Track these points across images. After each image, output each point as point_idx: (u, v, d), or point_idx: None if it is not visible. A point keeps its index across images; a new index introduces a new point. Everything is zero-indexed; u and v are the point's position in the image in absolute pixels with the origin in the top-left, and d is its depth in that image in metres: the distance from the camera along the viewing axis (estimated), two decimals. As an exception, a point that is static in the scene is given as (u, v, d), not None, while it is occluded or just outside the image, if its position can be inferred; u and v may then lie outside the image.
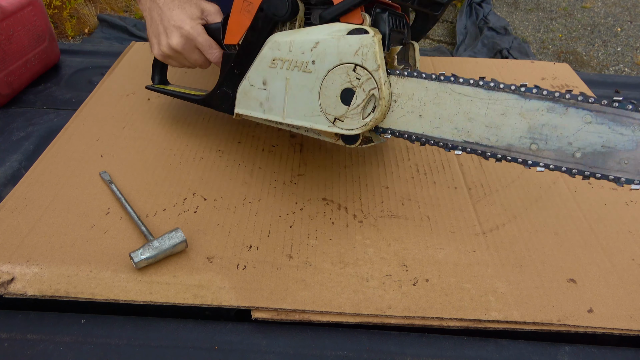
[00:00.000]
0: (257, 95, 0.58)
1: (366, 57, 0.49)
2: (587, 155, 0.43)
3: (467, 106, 0.47)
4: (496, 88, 0.46)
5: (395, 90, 0.51)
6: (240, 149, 0.71)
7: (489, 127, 0.46)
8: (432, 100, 0.49)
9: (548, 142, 0.44)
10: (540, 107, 0.44)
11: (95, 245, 0.54)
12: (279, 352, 0.46)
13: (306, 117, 0.54)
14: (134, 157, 0.68)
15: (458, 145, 0.49)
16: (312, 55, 0.52)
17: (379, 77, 0.48)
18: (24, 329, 0.47)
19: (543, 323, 0.48)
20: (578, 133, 0.43)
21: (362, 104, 0.50)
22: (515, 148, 0.46)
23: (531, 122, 0.44)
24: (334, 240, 0.57)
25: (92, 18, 3.06)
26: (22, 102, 0.84)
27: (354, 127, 0.51)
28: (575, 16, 3.70)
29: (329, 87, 0.52)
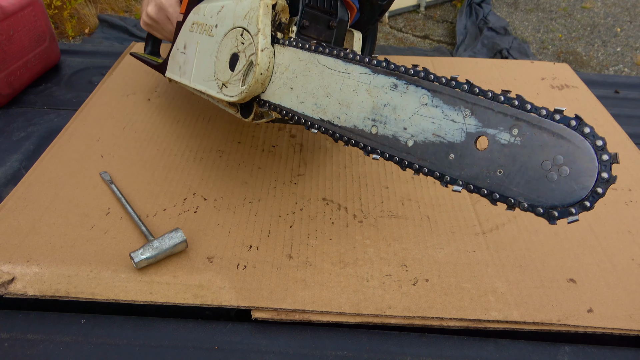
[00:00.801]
0: (179, 59, 0.60)
1: (251, 21, 0.47)
2: (419, 145, 0.39)
3: (327, 80, 0.44)
4: (353, 60, 0.43)
5: (277, 60, 0.49)
6: (240, 149, 0.71)
7: (341, 104, 0.43)
8: (302, 72, 0.46)
9: (386, 126, 0.40)
10: (386, 83, 0.40)
11: (96, 245, 0.54)
12: (279, 352, 0.46)
13: (204, 81, 0.54)
14: (134, 157, 0.68)
15: (315, 123, 0.46)
16: (217, 19, 0.52)
17: (257, 42, 0.47)
18: (24, 329, 0.47)
19: (543, 323, 0.48)
20: (413, 117, 0.39)
21: (243, 70, 0.49)
22: (358, 130, 0.42)
23: (375, 101, 0.41)
24: (334, 240, 0.57)
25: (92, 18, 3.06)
26: (22, 102, 0.84)
27: (233, 94, 0.50)
28: (575, 16, 3.70)
29: (222, 51, 0.51)
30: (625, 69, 3.07)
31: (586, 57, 3.20)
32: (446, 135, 0.37)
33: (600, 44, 3.33)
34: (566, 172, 0.32)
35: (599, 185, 0.31)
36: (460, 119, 0.37)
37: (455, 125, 0.37)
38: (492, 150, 0.35)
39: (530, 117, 0.34)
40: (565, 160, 0.32)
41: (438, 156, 0.38)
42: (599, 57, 3.19)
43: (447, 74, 0.46)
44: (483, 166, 0.36)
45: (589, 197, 0.32)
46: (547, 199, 0.33)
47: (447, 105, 0.37)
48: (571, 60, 3.16)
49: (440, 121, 0.38)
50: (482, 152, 0.36)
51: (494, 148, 0.35)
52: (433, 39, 3.40)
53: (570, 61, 3.14)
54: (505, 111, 0.35)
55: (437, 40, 3.38)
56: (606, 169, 0.31)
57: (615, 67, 3.08)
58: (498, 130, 0.35)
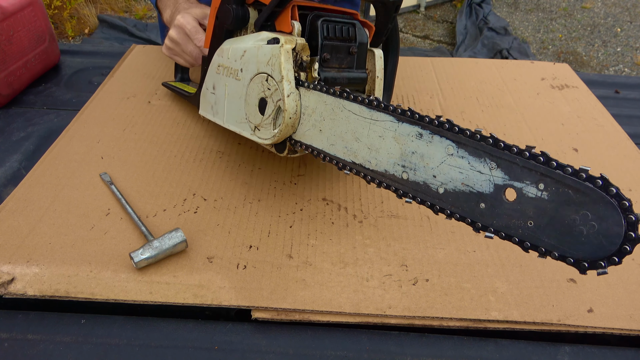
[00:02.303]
0: (210, 99, 0.61)
1: (274, 68, 0.48)
2: (449, 193, 0.39)
3: (354, 125, 0.45)
4: (377, 107, 0.43)
5: (304, 102, 0.49)
6: (240, 150, 0.71)
7: (370, 149, 0.44)
8: (329, 115, 0.47)
9: (416, 173, 0.41)
10: (411, 132, 0.41)
11: (96, 246, 0.54)
12: (279, 352, 0.46)
13: (237, 123, 0.55)
14: (135, 158, 0.68)
15: (347, 165, 0.47)
16: (241, 63, 0.53)
17: (282, 88, 0.48)
18: (24, 329, 0.47)
19: (543, 323, 0.48)
20: (441, 166, 0.39)
21: (273, 115, 0.50)
22: (389, 175, 0.43)
23: (403, 148, 0.42)
24: (334, 240, 0.57)
25: (92, 18, 3.06)
26: (22, 103, 0.85)
27: (266, 136, 0.51)
28: (575, 16, 3.70)
29: (251, 95, 0.52)
30: (625, 69, 3.07)
31: (586, 57, 3.20)
32: (475, 185, 0.38)
33: (600, 44, 3.33)
34: (594, 228, 0.33)
35: (626, 244, 0.32)
36: (486, 170, 0.37)
37: (482, 177, 0.37)
38: (520, 202, 0.36)
39: (555, 174, 0.34)
40: (592, 217, 0.33)
41: (469, 205, 0.39)
42: (599, 57, 3.19)
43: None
44: (514, 217, 0.36)
45: (617, 253, 0.32)
46: (577, 252, 0.34)
47: (473, 157, 0.38)
48: (571, 60, 3.17)
49: (467, 171, 0.38)
50: (511, 203, 0.36)
51: (523, 200, 0.35)
52: (433, 39, 3.40)
53: (571, 61, 3.14)
54: (530, 166, 0.35)
55: (437, 41, 3.38)
56: (633, 229, 0.32)
57: (615, 67, 3.09)
58: (525, 184, 0.35)
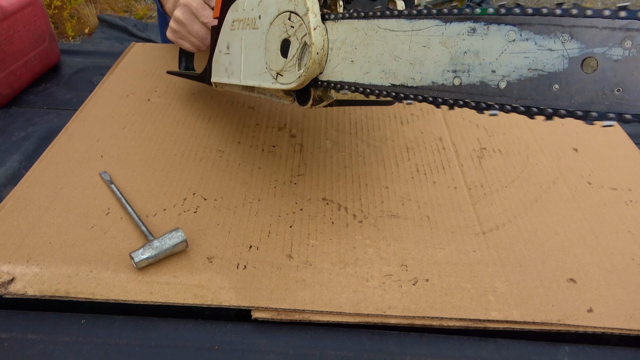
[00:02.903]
0: (223, 61, 0.59)
1: (297, 2, 0.46)
2: (513, 84, 0.36)
3: (392, 43, 0.42)
4: (418, 15, 0.40)
5: (331, 37, 0.46)
6: (240, 149, 0.71)
7: (413, 64, 0.41)
8: (361, 42, 0.44)
9: (471, 74, 0.38)
10: (461, 30, 0.37)
11: (96, 245, 0.54)
12: (279, 352, 0.46)
13: (256, 75, 0.53)
14: (134, 157, 0.68)
15: (385, 90, 0.43)
16: (259, 10, 0.51)
17: (308, 21, 0.45)
18: (24, 329, 0.47)
19: (543, 323, 0.48)
20: (502, 56, 0.36)
21: (297, 54, 0.47)
22: (438, 86, 0.40)
23: (453, 51, 0.38)
24: (334, 240, 0.57)
25: (92, 18, 3.06)
26: (22, 102, 0.84)
27: (291, 80, 0.48)
28: (575, 16, 3.70)
29: (271, 40, 0.50)
30: (625, 69, 3.07)
31: (586, 57, 3.19)
32: (545, 67, 0.34)
33: (600, 44, 3.33)
34: None
35: None
36: (558, 46, 0.33)
37: (554, 54, 0.34)
38: (604, 69, 0.32)
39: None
40: None
41: (539, 90, 0.35)
42: (599, 57, 3.18)
43: None
44: (597, 89, 0.33)
45: None
46: None
47: (540, 35, 0.34)
48: (571, 60, 3.16)
49: (534, 54, 0.34)
50: (592, 74, 0.33)
51: (606, 67, 0.32)
52: None
53: (570, 61, 3.14)
54: (612, 25, 0.32)
55: (437, 40, 3.37)
56: None
57: (615, 67, 3.08)
58: (606, 47, 0.32)
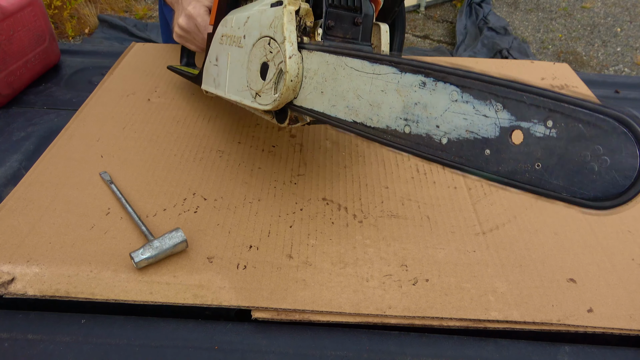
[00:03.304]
0: (212, 71, 0.61)
1: (276, 29, 0.48)
2: (453, 143, 0.38)
3: (356, 81, 0.44)
4: (379, 61, 0.42)
5: (306, 65, 0.48)
6: (240, 149, 0.71)
7: (372, 105, 0.43)
8: (331, 75, 0.46)
9: (419, 125, 0.40)
10: (414, 82, 0.39)
11: (96, 246, 0.54)
12: (279, 352, 0.46)
13: (238, 91, 0.55)
14: (134, 157, 0.68)
15: (348, 126, 0.45)
16: (244, 29, 0.53)
17: (284, 49, 0.47)
18: (24, 329, 0.47)
19: (543, 323, 0.48)
20: (445, 114, 0.38)
21: (274, 79, 0.49)
22: (391, 130, 0.42)
23: (405, 100, 0.40)
24: (334, 240, 0.57)
25: (92, 18, 3.06)
26: (22, 102, 0.84)
27: (267, 102, 0.51)
28: (575, 16, 3.70)
29: (253, 61, 0.52)
30: (625, 69, 3.07)
31: (586, 57, 3.20)
32: (479, 131, 0.36)
33: (600, 44, 3.33)
34: (606, 164, 0.31)
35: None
36: (492, 113, 0.36)
37: (487, 121, 0.36)
38: (528, 143, 0.34)
39: (565, 109, 0.32)
40: (604, 151, 0.31)
41: (474, 152, 0.37)
42: (599, 57, 3.19)
43: None
44: (520, 160, 0.35)
45: (631, 188, 0.30)
46: (588, 191, 0.32)
47: (478, 100, 0.36)
48: (571, 60, 3.17)
49: (472, 117, 0.37)
50: (517, 146, 0.35)
51: (530, 141, 0.34)
52: (433, 39, 3.40)
53: (570, 61, 3.14)
54: (538, 103, 0.33)
55: (437, 40, 3.38)
56: None
57: (615, 67, 3.09)
58: (532, 123, 0.34)
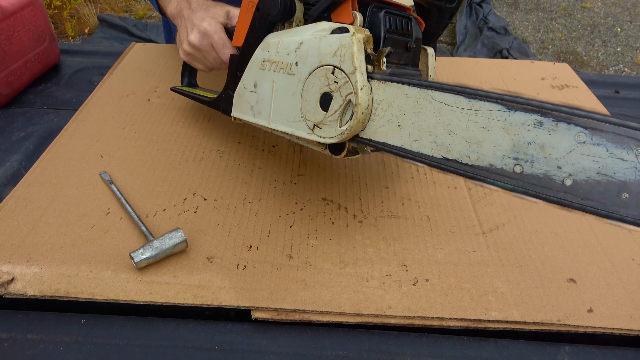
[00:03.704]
0: (249, 98, 0.57)
1: (344, 59, 0.45)
2: (580, 185, 0.36)
3: (447, 117, 0.41)
4: (478, 96, 0.40)
5: (376, 97, 0.46)
6: (240, 149, 0.71)
7: (469, 142, 0.40)
8: (411, 109, 0.44)
9: (534, 165, 0.37)
10: (527, 120, 0.37)
11: (96, 245, 0.54)
12: (279, 352, 0.46)
13: (289, 122, 0.52)
14: (134, 157, 0.68)
15: (436, 162, 0.43)
16: (296, 56, 0.49)
17: (355, 80, 0.44)
18: (24, 329, 0.47)
19: (543, 323, 0.48)
20: (569, 155, 0.36)
21: (340, 110, 0.46)
22: (496, 169, 0.39)
23: (516, 139, 0.38)
24: (334, 240, 0.57)
25: (92, 18, 3.06)
26: (22, 102, 0.84)
27: (330, 135, 0.47)
28: (575, 16, 3.70)
29: (310, 90, 0.48)
30: (625, 69, 3.07)
31: (586, 57, 3.20)
32: (615, 174, 0.34)
33: (600, 44, 3.33)
34: None
35: None
36: (631, 157, 0.33)
37: (626, 164, 0.34)
38: None
39: None
40: None
41: (607, 196, 0.35)
42: (599, 57, 3.19)
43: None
44: None
45: None
46: None
47: (613, 144, 0.34)
48: (571, 60, 3.16)
49: (605, 160, 0.34)
50: None
51: None
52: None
53: (570, 61, 3.14)
54: None
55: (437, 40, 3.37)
56: None
57: (615, 67, 3.09)
58: None
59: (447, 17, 0.56)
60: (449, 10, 0.55)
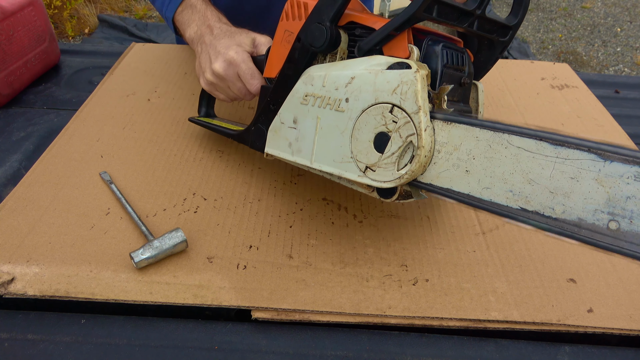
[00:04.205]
0: (287, 135, 0.52)
1: (405, 97, 0.41)
2: None
3: (527, 164, 0.37)
4: (566, 144, 0.36)
5: (439, 139, 0.42)
6: (240, 150, 0.71)
7: (554, 193, 0.36)
8: (483, 153, 0.40)
9: (634, 222, 0.33)
10: (626, 172, 0.33)
11: (96, 245, 0.54)
12: (279, 352, 0.46)
13: (335, 162, 0.47)
14: (134, 157, 0.68)
15: (512, 213, 0.39)
16: (346, 92, 0.45)
17: (419, 121, 0.40)
18: (24, 329, 0.47)
19: (543, 323, 0.48)
20: None
21: (398, 152, 0.42)
22: (587, 224, 0.35)
23: (612, 193, 0.34)
24: (334, 240, 0.57)
25: (92, 18, 3.06)
26: (22, 102, 0.84)
27: (386, 179, 0.43)
28: (575, 16, 3.70)
29: (362, 129, 0.44)
30: (625, 69, 3.07)
31: (586, 57, 3.20)
32: None
33: (600, 44, 3.33)
34: None
35: None
36: None
37: None
38: None
39: None
40: None
41: None
42: (599, 57, 3.19)
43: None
44: None
45: None
46: None
47: None
48: (571, 60, 3.17)
49: None
50: None
51: None
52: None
53: (570, 61, 3.14)
54: None
55: (437, 40, 3.37)
56: None
57: (615, 67, 3.09)
58: None
59: (499, 50, 0.54)
60: (501, 44, 0.53)
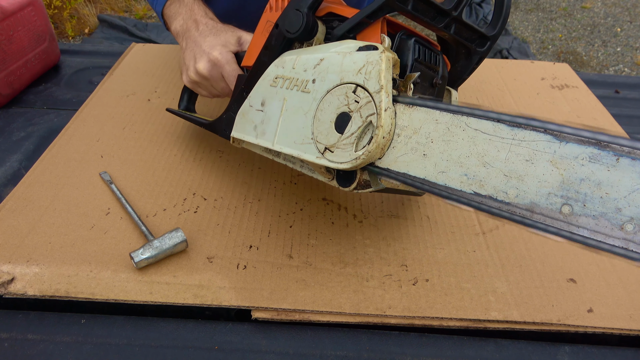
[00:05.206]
0: (254, 117, 0.52)
1: (369, 76, 0.41)
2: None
3: (483, 146, 0.37)
4: (523, 125, 0.35)
5: (400, 122, 0.41)
6: (240, 149, 0.71)
7: (508, 176, 0.35)
8: (441, 136, 0.39)
9: (587, 206, 0.32)
10: (580, 154, 0.32)
11: (96, 245, 0.54)
12: (279, 352, 0.46)
13: (296, 144, 0.46)
14: (134, 157, 0.68)
15: (465, 198, 0.38)
16: (314, 73, 0.45)
17: (379, 100, 0.40)
18: (24, 329, 0.47)
19: (543, 323, 0.48)
20: (632, 195, 0.31)
21: (357, 133, 0.41)
22: (540, 209, 0.34)
23: (566, 175, 0.33)
24: (334, 240, 0.57)
25: (92, 18, 3.06)
26: (22, 102, 0.84)
27: (343, 160, 0.42)
28: (575, 16, 3.70)
29: (325, 110, 0.44)
30: (625, 69, 3.07)
31: (586, 57, 3.20)
32: None
33: (600, 44, 3.33)
34: None
35: None
36: None
37: None
38: None
39: None
40: None
41: None
42: (599, 57, 3.19)
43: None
44: None
45: None
46: None
47: None
48: (571, 60, 3.17)
49: None
50: None
51: None
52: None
53: (570, 61, 3.14)
54: None
55: (437, 40, 3.37)
56: None
57: (615, 67, 3.09)
58: None
59: (475, 61, 0.54)
60: (477, 54, 0.53)
